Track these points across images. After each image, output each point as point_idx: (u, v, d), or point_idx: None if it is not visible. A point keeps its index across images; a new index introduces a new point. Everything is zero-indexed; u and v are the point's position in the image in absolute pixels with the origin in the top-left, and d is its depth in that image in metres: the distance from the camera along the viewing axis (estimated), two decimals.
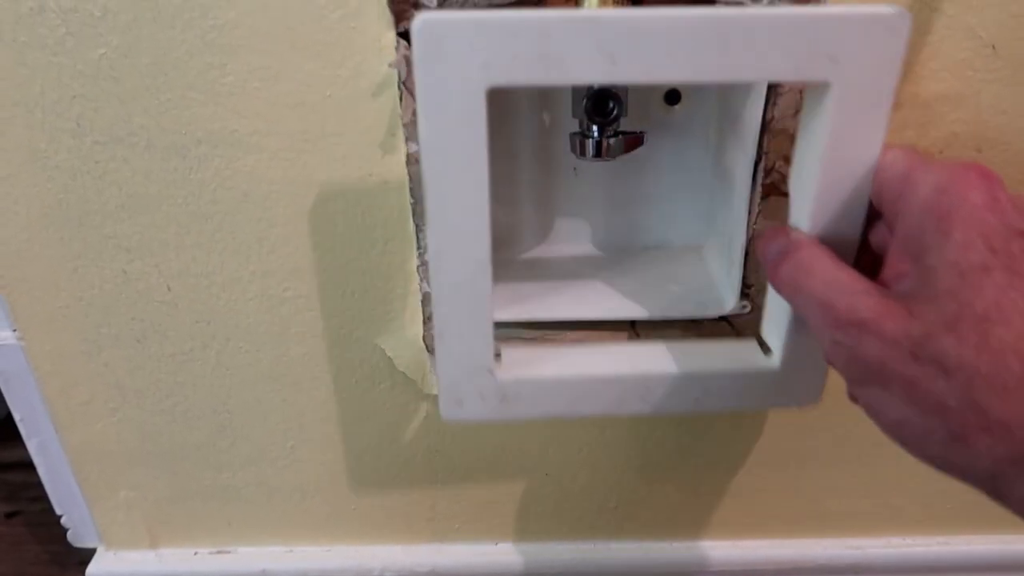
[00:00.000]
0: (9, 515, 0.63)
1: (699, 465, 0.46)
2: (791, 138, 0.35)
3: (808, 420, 0.44)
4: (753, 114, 0.34)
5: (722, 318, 0.39)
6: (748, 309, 0.39)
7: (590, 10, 0.31)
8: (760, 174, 0.36)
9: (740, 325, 0.39)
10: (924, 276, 0.24)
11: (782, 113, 0.34)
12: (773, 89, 0.34)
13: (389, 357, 0.41)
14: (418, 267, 0.39)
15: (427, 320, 0.40)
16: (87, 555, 0.51)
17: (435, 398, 0.42)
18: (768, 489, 0.46)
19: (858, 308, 0.24)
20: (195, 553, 0.48)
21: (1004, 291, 0.22)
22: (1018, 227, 0.23)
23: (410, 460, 0.45)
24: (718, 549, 0.48)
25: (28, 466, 0.69)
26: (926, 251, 0.24)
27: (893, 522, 0.47)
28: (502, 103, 0.40)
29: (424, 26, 0.25)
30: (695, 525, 0.48)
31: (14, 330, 0.42)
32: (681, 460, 0.45)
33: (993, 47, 0.33)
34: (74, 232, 0.39)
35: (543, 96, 0.39)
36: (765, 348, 0.33)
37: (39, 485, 0.67)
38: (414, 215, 0.37)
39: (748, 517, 0.47)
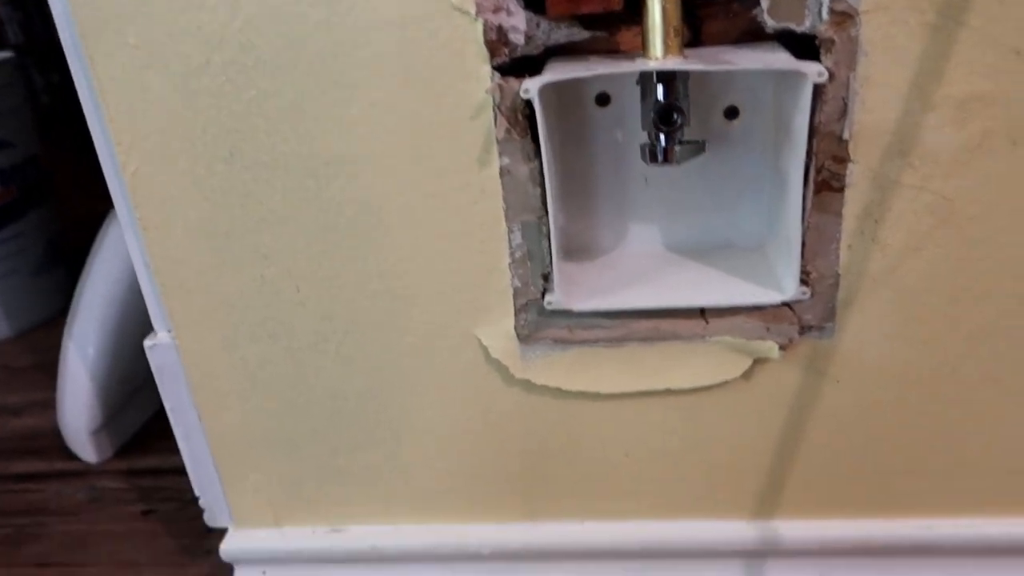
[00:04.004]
0: (144, 512, 0.71)
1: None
2: (838, 139, 0.40)
3: (880, 400, 0.46)
4: (802, 120, 0.39)
5: (784, 304, 0.44)
6: (808, 295, 0.43)
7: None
8: (812, 172, 0.40)
9: (800, 310, 0.44)
10: None
11: (828, 118, 0.39)
12: (818, 97, 0.38)
13: (485, 346, 0.47)
14: (510, 264, 0.44)
15: (518, 312, 0.46)
16: (213, 544, 0.58)
17: (526, 382, 0.48)
18: (840, 472, 0.49)
19: None
20: (313, 532, 0.54)
21: None
22: None
23: (504, 441, 0.50)
24: (788, 528, 0.51)
25: (156, 472, 0.78)
26: None
27: (964, 502, 0.49)
28: (582, 127, 0.46)
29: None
30: (764, 504, 0.51)
31: (169, 331, 0.50)
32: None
33: (1018, 52, 0.37)
34: (222, 243, 0.46)
35: (617, 118, 0.45)
36: None
37: (168, 488, 0.75)
38: (506, 219, 0.43)
39: (819, 496, 0.50)
